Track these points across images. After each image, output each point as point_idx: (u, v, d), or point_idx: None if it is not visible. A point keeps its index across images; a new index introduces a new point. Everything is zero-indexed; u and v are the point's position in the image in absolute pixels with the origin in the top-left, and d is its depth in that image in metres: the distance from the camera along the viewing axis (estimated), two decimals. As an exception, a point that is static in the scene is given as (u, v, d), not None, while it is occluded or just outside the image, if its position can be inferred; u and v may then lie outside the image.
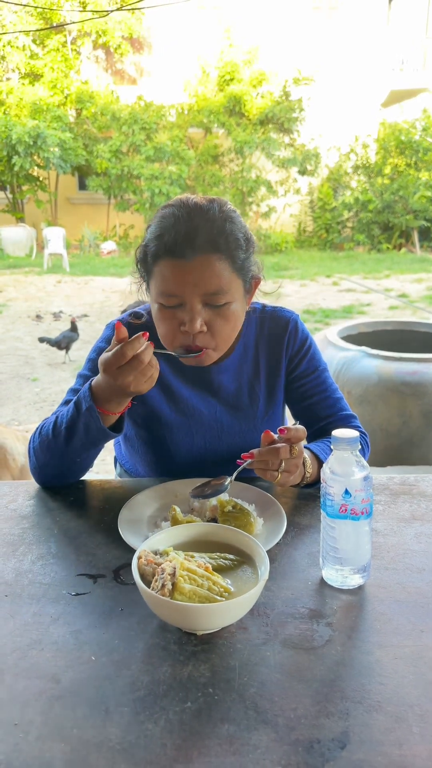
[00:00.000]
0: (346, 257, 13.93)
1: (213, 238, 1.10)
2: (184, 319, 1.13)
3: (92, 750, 0.67)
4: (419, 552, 1.02)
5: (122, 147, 14.25)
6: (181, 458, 1.31)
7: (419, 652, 0.80)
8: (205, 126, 14.80)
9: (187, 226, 1.10)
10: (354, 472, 0.89)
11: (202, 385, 1.30)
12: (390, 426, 3.37)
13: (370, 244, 14.79)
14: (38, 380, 5.56)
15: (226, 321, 1.15)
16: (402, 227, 14.62)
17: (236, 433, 1.32)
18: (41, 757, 0.66)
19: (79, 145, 14.19)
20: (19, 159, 13.53)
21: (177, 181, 14.09)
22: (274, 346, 1.33)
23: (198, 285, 1.11)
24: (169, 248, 1.10)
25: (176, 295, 1.12)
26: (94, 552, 1.03)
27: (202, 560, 0.86)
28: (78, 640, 0.83)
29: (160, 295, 1.14)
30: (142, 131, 14.20)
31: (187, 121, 14.77)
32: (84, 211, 15.94)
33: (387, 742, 0.68)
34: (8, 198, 15.29)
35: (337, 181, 15.60)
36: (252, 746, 0.67)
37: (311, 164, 15.00)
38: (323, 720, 0.70)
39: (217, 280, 1.11)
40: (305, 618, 0.87)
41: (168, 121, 14.66)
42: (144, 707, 0.72)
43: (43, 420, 1.30)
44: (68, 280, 11.16)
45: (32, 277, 11.47)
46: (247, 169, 14.79)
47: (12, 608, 0.89)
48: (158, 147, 14.07)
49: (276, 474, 1.06)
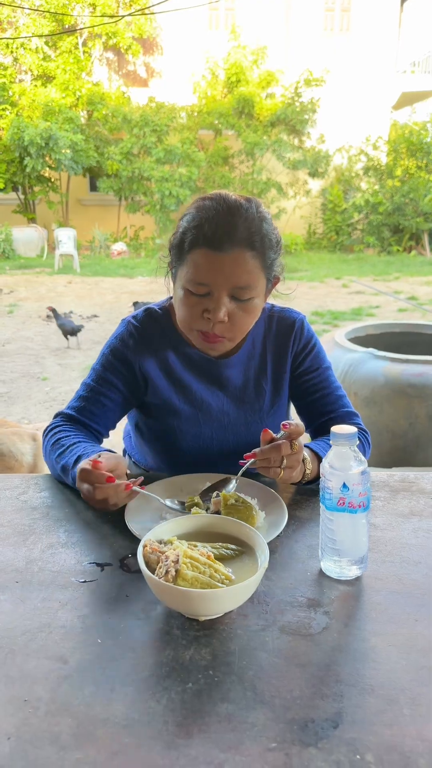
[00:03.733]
0: (355, 259, 13.93)
1: (250, 235, 1.15)
2: (208, 307, 1.18)
3: (98, 725, 0.70)
4: (416, 546, 1.05)
5: (133, 149, 14.33)
6: (189, 448, 1.36)
7: (413, 639, 0.83)
8: (215, 128, 14.86)
9: (226, 220, 1.15)
10: (352, 467, 0.92)
11: (211, 379, 1.35)
12: (396, 427, 3.39)
13: (380, 246, 14.78)
14: (48, 379, 5.62)
15: (248, 315, 1.21)
16: (412, 230, 14.60)
17: (242, 425, 1.37)
18: (50, 731, 0.70)
19: (90, 147, 14.29)
20: (31, 160, 13.65)
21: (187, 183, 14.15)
22: (281, 343, 1.38)
23: (229, 278, 1.16)
24: (208, 239, 1.14)
25: (206, 284, 1.17)
26: (101, 542, 1.07)
27: (205, 549, 0.90)
28: (85, 624, 0.86)
29: (190, 282, 1.18)
30: (153, 133, 14.28)
31: (197, 123, 14.83)
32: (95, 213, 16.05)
33: (378, 723, 0.71)
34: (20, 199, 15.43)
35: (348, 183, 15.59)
36: (249, 724, 0.70)
37: (321, 166, 15.01)
38: (318, 701, 0.73)
39: (247, 276, 1.17)
40: (303, 606, 0.90)
41: (179, 123, 14.73)
42: (147, 687, 0.76)
43: (55, 416, 1.36)
44: (79, 280, 11.24)
45: (43, 278, 11.57)
46: (257, 170, 14.83)
47: (22, 594, 0.93)
48: (169, 149, 14.14)
49: (279, 470, 1.10)
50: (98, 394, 1.33)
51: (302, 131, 14.73)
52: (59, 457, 1.24)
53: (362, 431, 1.35)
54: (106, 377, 1.33)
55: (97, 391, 1.33)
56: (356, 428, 0.94)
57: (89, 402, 1.33)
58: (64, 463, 1.22)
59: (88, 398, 1.34)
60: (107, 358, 1.35)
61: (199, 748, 0.67)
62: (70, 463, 1.20)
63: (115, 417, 1.36)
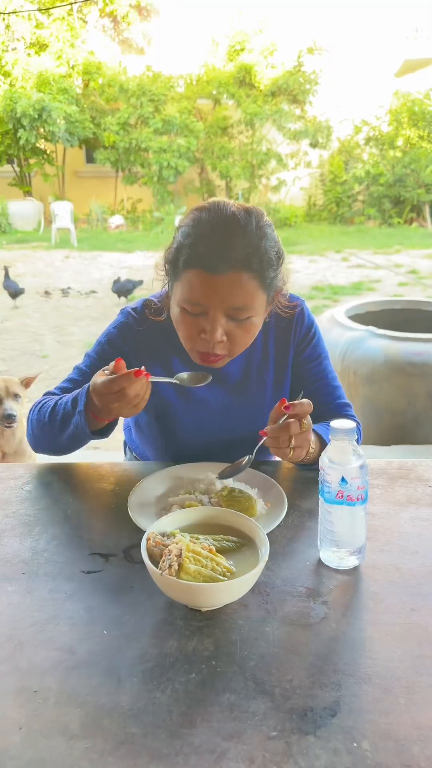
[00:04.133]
0: (356, 231, 13.80)
1: (247, 256, 1.10)
2: (205, 328, 1.14)
3: (105, 715, 0.73)
4: (413, 535, 1.08)
5: (130, 119, 14.10)
6: (189, 445, 1.35)
7: (408, 629, 0.86)
8: (214, 97, 14.59)
9: (222, 240, 1.10)
10: (351, 461, 0.94)
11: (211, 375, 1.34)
12: (395, 406, 3.41)
13: (381, 218, 14.64)
14: (48, 357, 5.63)
15: (246, 333, 1.18)
16: (413, 201, 14.44)
17: (243, 420, 1.35)
18: (58, 721, 0.73)
19: (86, 118, 14.05)
20: (25, 132, 13.43)
21: (185, 153, 13.95)
22: (283, 333, 1.35)
23: (224, 299, 1.12)
24: (202, 259, 1.10)
25: (201, 305, 1.13)
26: (105, 532, 1.09)
27: (207, 542, 0.92)
28: (91, 615, 0.89)
29: (185, 302, 1.15)
30: (151, 103, 14.03)
31: (195, 93, 14.56)
32: (92, 185, 15.85)
33: (375, 711, 0.74)
34: (15, 171, 15.22)
35: (349, 154, 15.36)
36: (251, 713, 0.73)
37: (323, 137, 14.78)
38: (316, 690, 0.76)
39: (243, 297, 1.13)
40: (303, 596, 0.93)
41: (176, 92, 14.45)
42: (152, 677, 0.78)
43: (44, 394, 1.35)
44: (76, 255, 11.16)
45: (40, 252, 11.48)
46: (257, 141, 14.61)
47: (29, 585, 0.95)
48: (167, 119, 13.90)
49: (288, 451, 1.08)
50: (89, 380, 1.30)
51: (304, 101, 14.46)
52: (52, 413, 1.24)
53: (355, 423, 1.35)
54: (99, 365, 1.29)
55: (89, 377, 1.28)
56: (354, 424, 0.95)
57: (79, 385, 1.30)
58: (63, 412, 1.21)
59: (79, 382, 1.32)
60: (103, 346, 1.34)
61: (203, 736, 0.70)
62: (69, 404, 1.19)
63: None
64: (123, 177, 14.98)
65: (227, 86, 14.22)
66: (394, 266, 9.82)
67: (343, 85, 14.75)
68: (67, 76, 14.33)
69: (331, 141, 15.09)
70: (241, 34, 14.25)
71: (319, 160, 15.55)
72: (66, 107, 13.37)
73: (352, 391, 3.41)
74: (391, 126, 15.02)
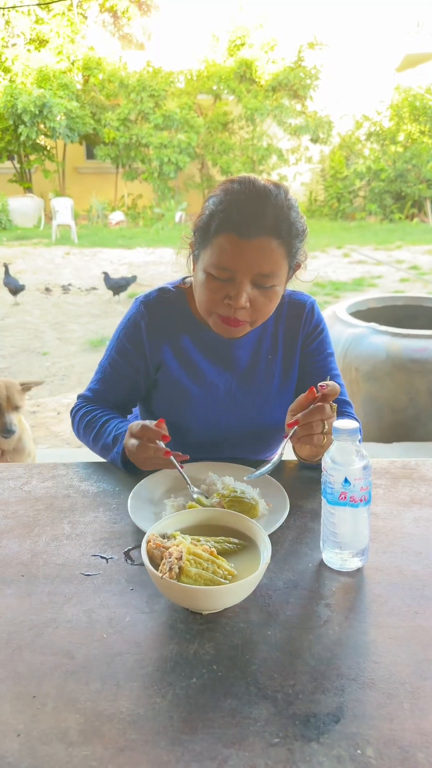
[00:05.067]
0: (357, 227, 13.76)
1: (277, 223, 1.14)
2: (230, 293, 1.17)
3: (104, 721, 0.72)
4: (417, 536, 1.06)
5: (130, 115, 14.05)
6: (195, 430, 1.36)
7: (412, 632, 0.85)
8: (214, 93, 14.53)
9: (255, 206, 1.13)
10: (354, 461, 0.92)
11: (220, 359, 1.36)
12: (397, 402, 3.40)
13: (382, 213, 14.59)
14: (48, 354, 5.61)
15: (269, 301, 1.20)
16: (415, 197, 14.39)
17: (249, 406, 1.37)
18: (57, 727, 0.71)
19: (86, 114, 14.00)
20: (26, 128, 13.39)
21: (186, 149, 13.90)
22: (293, 325, 1.38)
23: (253, 265, 1.14)
24: (235, 223, 1.13)
25: (230, 270, 1.15)
26: (105, 533, 1.08)
27: (208, 544, 0.91)
28: (90, 618, 0.88)
29: (213, 266, 1.17)
30: (151, 98, 13.97)
31: (196, 88, 14.50)
32: (92, 181, 15.80)
33: (378, 717, 0.72)
34: (15, 168, 15.18)
35: (350, 149, 15.30)
36: (252, 719, 0.72)
37: (324, 132, 14.72)
38: (319, 696, 0.75)
39: (271, 264, 1.15)
40: (305, 599, 0.92)
41: (177, 88, 14.39)
42: (152, 682, 0.77)
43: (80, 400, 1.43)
44: (76, 251, 11.14)
45: (41, 249, 11.45)
46: (257, 136, 14.56)
47: (28, 588, 0.94)
48: (167, 115, 13.85)
49: (322, 437, 1.08)
50: (114, 375, 1.39)
51: (305, 96, 14.39)
52: (96, 438, 1.33)
53: None
54: (120, 359, 1.38)
55: (113, 372, 1.39)
56: (357, 424, 0.93)
57: (106, 383, 1.40)
58: (103, 443, 1.31)
59: (105, 379, 1.40)
60: (121, 341, 1.38)
61: (204, 743, 0.69)
62: (109, 442, 1.29)
63: (133, 395, 1.42)
64: (123, 173, 14.94)
65: (228, 81, 14.16)
66: (396, 262, 9.78)
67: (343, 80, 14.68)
68: (67, 71, 14.28)
69: (332, 136, 15.03)
70: (241, 29, 14.19)
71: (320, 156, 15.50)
72: (67, 103, 13.32)
73: (354, 387, 3.39)
74: (392, 121, 14.96)
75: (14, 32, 14.62)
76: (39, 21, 14.52)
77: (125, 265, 9.74)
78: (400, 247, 11.25)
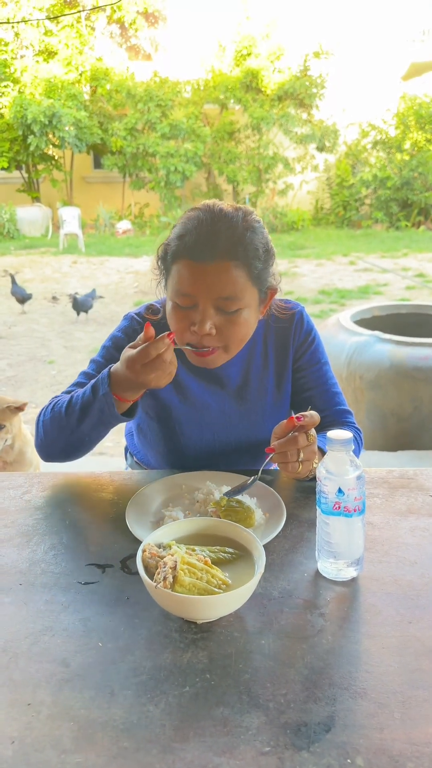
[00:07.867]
0: (363, 235, 13.76)
1: (232, 245, 1.14)
2: (195, 320, 1.16)
3: (98, 729, 0.73)
4: (413, 545, 1.07)
5: (137, 125, 14.15)
6: (191, 450, 1.36)
7: (405, 642, 0.85)
8: (220, 102, 14.61)
9: (209, 230, 1.14)
10: (348, 471, 0.93)
11: (211, 379, 1.35)
12: (401, 411, 3.39)
13: (389, 221, 14.59)
14: (55, 362, 5.65)
15: (236, 327, 1.18)
16: (421, 204, 14.39)
17: (244, 424, 1.36)
18: (51, 735, 0.72)
19: (94, 124, 14.12)
20: (35, 138, 13.51)
21: (192, 158, 13.98)
22: (282, 337, 1.36)
23: (212, 289, 1.14)
24: (189, 249, 1.14)
25: (190, 296, 1.16)
26: (102, 543, 1.09)
27: (203, 554, 0.92)
28: (86, 626, 0.89)
29: (176, 294, 1.18)
30: (158, 108, 14.07)
31: (202, 98, 14.60)
32: (99, 190, 15.91)
33: (369, 726, 0.73)
34: (24, 178, 15.31)
35: (356, 158, 15.34)
36: (244, 728, 0.73)
37: (330, 140, 14.77)
38: (311, 705, 0.76)
39: (231, 287, 1.15)
40: (300, 608, 0.92)
41: (183, 97, 14.50)
42: (146, 690, 0.78)
43: (52, 398, 1.36)
44: (84, 260, 11.21)
45: (48, 258, 11.53)
46: (264, 145, 14.61)
47: (26, 596, 0.95)
48: (174, 124, 13.95)
49: (297, 465, 1.08)
50: None
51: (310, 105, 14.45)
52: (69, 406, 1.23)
53: (356, 430, 1.35)
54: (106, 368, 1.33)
55: None
56: (351, 434, 0.94)
57: None
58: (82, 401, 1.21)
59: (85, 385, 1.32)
60: (109, 351, 1.36)
61: (195, 752, 0.70)
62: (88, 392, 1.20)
63: None
64: (130, 182, 15.03)
65: (234, 91, 14.24)
66: (402, 270, 9.78)
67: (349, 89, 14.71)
68: (75, 82, 14.42)
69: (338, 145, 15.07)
70: (247, 38, 14.28)
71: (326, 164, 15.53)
72: (75, 113, 13.44)
73: (358, 396, 3.39)
74: (398, 129, 14.97)
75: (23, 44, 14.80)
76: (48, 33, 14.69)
77: (131, 274, 9.79)
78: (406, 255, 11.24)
